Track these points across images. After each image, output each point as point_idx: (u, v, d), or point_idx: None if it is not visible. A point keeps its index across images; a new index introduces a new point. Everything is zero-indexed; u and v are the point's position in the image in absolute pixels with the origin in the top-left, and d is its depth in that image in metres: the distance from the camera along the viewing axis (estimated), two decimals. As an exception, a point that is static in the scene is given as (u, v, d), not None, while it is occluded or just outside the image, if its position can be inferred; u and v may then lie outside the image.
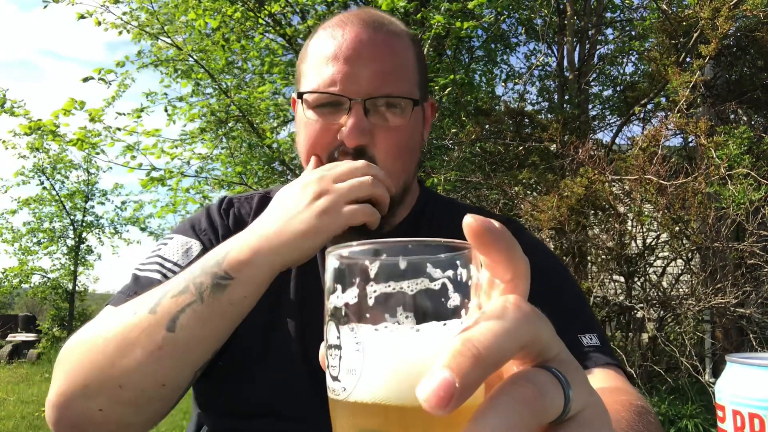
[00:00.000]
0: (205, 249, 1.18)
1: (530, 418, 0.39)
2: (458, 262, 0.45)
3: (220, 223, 1.24)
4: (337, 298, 0.45)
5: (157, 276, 1.14)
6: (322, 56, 1.11)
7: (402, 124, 1.12)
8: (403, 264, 0.43)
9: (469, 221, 0.44)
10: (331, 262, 0.46)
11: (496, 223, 0.44)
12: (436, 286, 0.43)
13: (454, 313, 0.44)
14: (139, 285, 1.12)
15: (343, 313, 0.45)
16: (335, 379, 0.45)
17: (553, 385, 0.41)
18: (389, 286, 0.43)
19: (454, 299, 0.44)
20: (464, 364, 0.38)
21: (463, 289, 0.44)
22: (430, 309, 0.43)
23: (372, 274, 0.44)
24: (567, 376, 0.42)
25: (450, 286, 0.44)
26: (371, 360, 0.43)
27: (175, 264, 1.16)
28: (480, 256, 0.46)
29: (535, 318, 0.42)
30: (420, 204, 1.30)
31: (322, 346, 0.50)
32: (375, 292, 0.43)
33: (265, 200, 1.30)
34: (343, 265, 0.45)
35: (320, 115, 1.12)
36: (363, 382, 0.43)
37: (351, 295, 0.44)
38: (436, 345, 0.42)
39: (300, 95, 1.14)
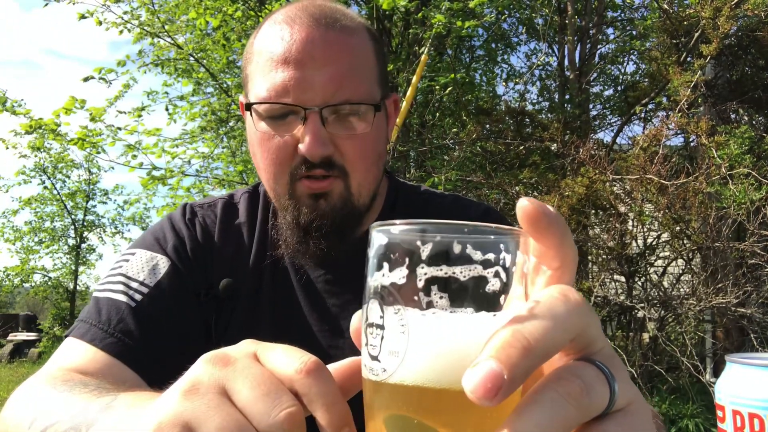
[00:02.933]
0: (173, 264, 1.09)
1: (575, 413, 0.38)
2: (511, 249, 0.43)
3: (188, 234, 1.14)
4: (383, 277, 0.44)
5: (123, 298, 1.03)
6: (270, 59, 1.00)
7: (365, 130, 1.03)
8: (457, 248, 0.42)
9: (525, 204, 0.42)
10: (378, 238, 0.45)
11: (551, 207, 0.43)
12: (489, 273, 0.42)
13: (504, 301, 0.43)
14: (101, 309, 1.03)
15: (389, 293, 0.43)
16: (374, 358, 0.44)
17: (599, 380, 0.40)
18: (441, 269, 0.42)
19: (506, 287, 0.43)
20: (513, 355, 0.37)
21: (514, 276, 0.43)
22: (482, 296, 0.42)
23: (424, 256, 0.42)
24: (612, 371, 0.41)
25: (503, 274, 0.42)
26: (416, 344, 0.42)
27: (142, 283, 1.05)
28: (530, 241, 0.44)
29: (586, 309, 0.42)
30: (389, 201, 1.22)
31: (355, 319, 0.49)
32: (426, 274, 0.42)
33: (229, 206, 1.21)
34: (393, 242, 0.44)
35: (273, 126, 1.02)
36: (406, 365, 0.42)
37: (399, 275, 0.43)
38: (484, 333, 0.41)
39: (249, 106, 1.03)
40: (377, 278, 0.44)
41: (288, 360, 0.48)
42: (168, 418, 0.45)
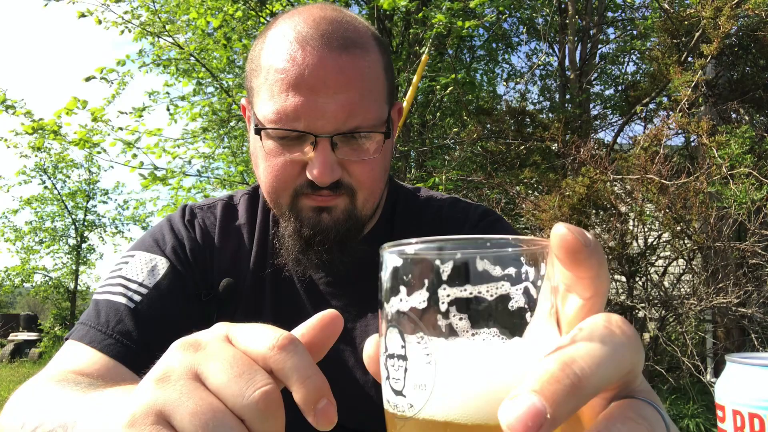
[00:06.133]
0: (172, 265, 1.08)
1: None
2: (537, 262, 0.39)
3: (186, 235, 1.14)
4: (401, 302, 0.40)
5: (122, 299, 1.03)
6: (281, 81, 0.97)
7: (374, 155, 1.03)
8: (480, 264, 0.38)
9: (563, 232, 0.38)
10: (392, 260, 0.41)
11: (590, 235, 0.39)
12: (518, 290, 0.38)
13: (531, 318, 0.39)
14: (100, 311, 1.03)
15: (409, 320, 0.39)
16: (398, 393, 0.40)
17: (658, 424, 0.37)
18: (465, 289, 0.38)
19: (533, 304, 0.39)
20: (559, 392, 0.34)
21: (541, 291, 0.39)
22: (508, 315, 0.38)
23: (445, 276, 0.38)
24: (661, 410, 0.39)
25: (532, 289, 0.38)
26: (445, 375, 0.38)
27: (141, 284, 1.05)
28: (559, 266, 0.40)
29: (638, 344, 0.38)
30: (389, 206, 1.22)
31: (369, 347, 0.47)
32: (448, 296, 0.38)
33: (228, 207, 1.20)
34: (408, 263, 0.39)
35: (281, 146, 1.01)
36: (435, 399, 0.38)
37: (419, 299, 0.39)
38: (519, 361, 0.37)
39: (258, 130, 1.01)
40: (394, 304, 0.40)
41: (260, 338, 0.47)
42: (141, 409, 0.44)
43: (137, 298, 1.04)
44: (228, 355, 0.46)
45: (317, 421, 0.44)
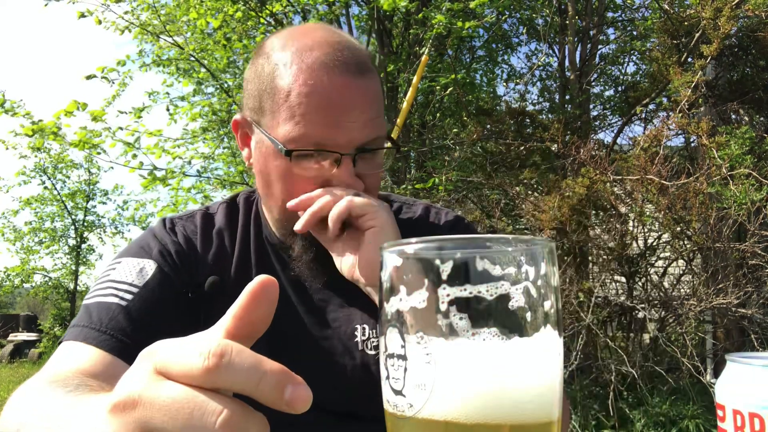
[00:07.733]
0: (159, 267, 1.12)
1: None
2: (536, 261, 0.39)
3: (170, 240, 1.18)
4: (401, 302, 0.40)
5: (113, 299, 1.05)
6: (307, 103, 1.02)
7: (384, 166, 1.12)
8: (480, 264, 0.38)
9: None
10: (391, 260, 0.41)
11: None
12: (518, 289, 0.38)
13: (540, 320, 0.38)
14: (91, 312, 1.04)
15: (409, 320, 0.39)
16: (398, 393, 0.40)
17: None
18: (465, 289, 0.38)
19: (534, 303, 0.38)
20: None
21: (541, 290, 0.39)
22: (512, 317, 0.38)
23: (444, 275, 0.38)
24: None
25: (532, 289, 0.38)
26: (445, 374, 0.38)
27: (131, 284, 1.08)
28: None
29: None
30: None
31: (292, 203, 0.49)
32: (448, 296, 0.38)
33: (206, 217, 1.25)
34: (408, 263, 0.40)
35: (302, 166, 1.06)
36: (435, 399, 0.38)
37: (418, 299, 0.39)
38: (517, 360, 0.37)
39: (288, 153, 1.04)
40: (394, 303, 0.40)
41: (189, 362, 0.43)
42: None
43: (128, 297, 1.05)
44: (168, 399, 0.42)
45: (292, 409, 0.41)
